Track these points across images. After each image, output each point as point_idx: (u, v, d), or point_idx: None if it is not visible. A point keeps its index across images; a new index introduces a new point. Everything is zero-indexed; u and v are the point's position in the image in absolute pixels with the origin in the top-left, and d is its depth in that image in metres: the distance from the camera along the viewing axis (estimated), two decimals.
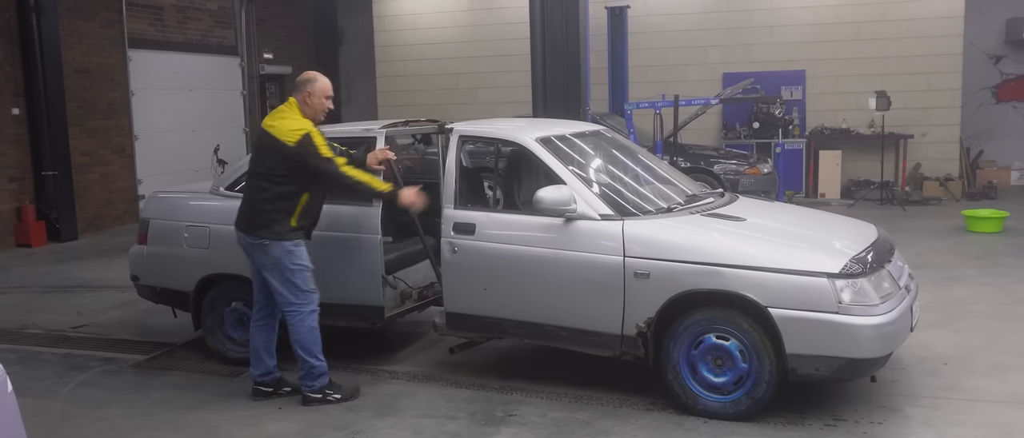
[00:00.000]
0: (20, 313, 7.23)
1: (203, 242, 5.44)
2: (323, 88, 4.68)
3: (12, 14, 10.39)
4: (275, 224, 4.54)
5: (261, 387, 4.89)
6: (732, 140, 13.18)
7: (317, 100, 4.65)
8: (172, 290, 5.71)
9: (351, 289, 5.05)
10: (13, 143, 10.51)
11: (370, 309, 5.08)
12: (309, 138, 4.48)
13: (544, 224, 4.62)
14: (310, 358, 4.67)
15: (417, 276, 5.58)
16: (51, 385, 5.29)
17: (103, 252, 10.10)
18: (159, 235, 5.71)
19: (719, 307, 4.29)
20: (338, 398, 4.72)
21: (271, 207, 4.55)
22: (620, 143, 5.78)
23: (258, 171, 4.64)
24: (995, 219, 9.57)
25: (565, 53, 8.46)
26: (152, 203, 5.91)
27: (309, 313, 4.65)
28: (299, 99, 4.65)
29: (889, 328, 4.11)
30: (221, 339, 5.52)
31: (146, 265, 5.80)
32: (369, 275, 5.02)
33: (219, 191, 5.58)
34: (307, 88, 4.65)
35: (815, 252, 4.28)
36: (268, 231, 4.54)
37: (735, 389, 4.30)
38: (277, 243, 4.55)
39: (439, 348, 5.75)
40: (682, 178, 5.55)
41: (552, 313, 4.67)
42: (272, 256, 4.57)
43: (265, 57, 15.16)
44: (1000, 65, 14.01)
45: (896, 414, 4.39)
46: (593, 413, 4.51)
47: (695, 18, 13.68)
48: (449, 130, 5.15)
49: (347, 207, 5.06)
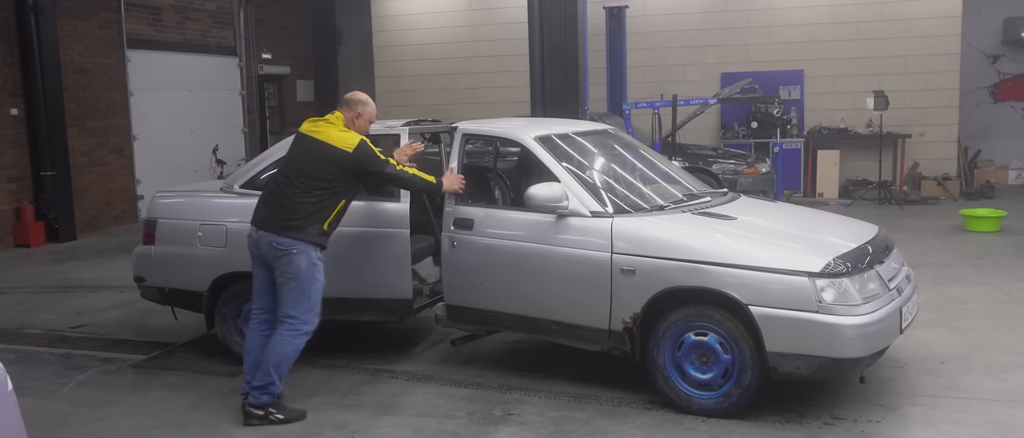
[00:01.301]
0: (19, 313, 7.22)
1: (219, 240, 5.39)
2: (372, 114, 4.81)
3: (10, 14, 10.39)
4: (309, 226, 4.49)
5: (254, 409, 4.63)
6: (730, 140, 13.19)
7: (364, 123, 4.75)
8: (183, 290, 5.61)
9: (381, 283, 5.08)
10: (12, 143, 10.50)
11: (398, 302, 5.12)
12: (366, 145, 4.58)
13: (538, 220, 4.70)
14: (275, 374, 4.49)
15: (423, 272, 5.66)
16: (50, 385, 5.29)
17: (102, 252, 10.10)
18: (169, 235, 5.61)
19: (693, 304, 4.33)
20: (281, 418, 4.50)
21: (308, 211, 4.49)
22: (627, 142, 5.83)
23: (300, 174, 4.53)
24: (993, 218, 9.59)
25: (563, 53, 8.47)
26: (159, 202, 5.78)
27: (304, 334, 4.52)
28: (347, 117, 4.69)
29: (872, 329, 4.10)
30: (236, 339, 5.46)
31: (154, 265, 5.69)
32: (399, 269, 5.06)
33: (234, 189, 5.56)
34: (358, 109, 4.72)
35: (798, 251, 4.30)
36: (301, 233, 4.47)
37: (724, 383, 4.33)
38: (306, 249, 4.47)
39: (437, 348, 5.76)
40: (687, 177, 5.58)
41: (544, 307, 4.74)
42: (297, 264, 4.46)
43: (263, 57, 15.15)
44: (998, 65, 14.03)
45: (894, 413, 4.40)
46: (592, 412, 4.52)
47: (693, 18, 13.70)
48: (453, 128, 5.26)
49: (377, 203, 5.10)
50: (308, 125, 4.72)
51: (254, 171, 5.56)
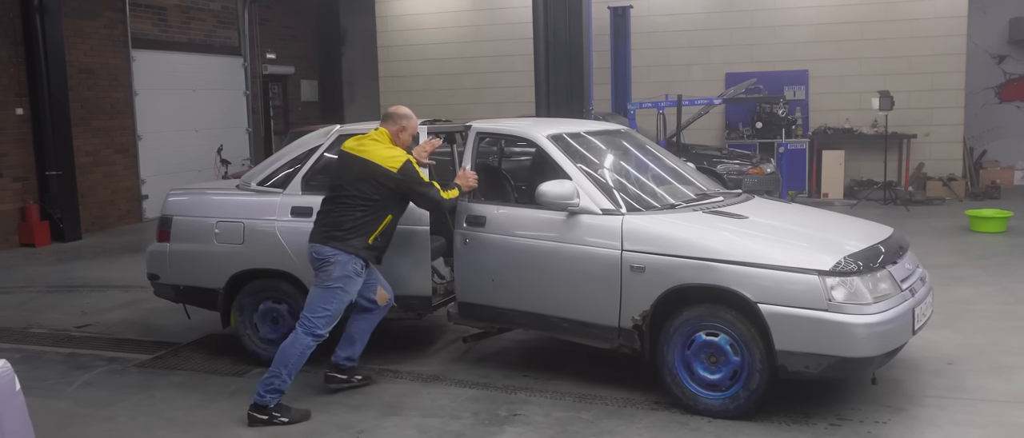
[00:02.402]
0: (24, 312, 7.24)
1: (236, 238, 5.40)
2: (415, 128, 4.88)
3: (16, 15, 10.41)
4: (353, 239, 4.57)
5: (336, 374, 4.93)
6: (735, 140, 13.18)
7: (407, 137, 4.80)
8: (199, 288, 5.61)
9: (402, 281, 5.10)
10: (17, 143, 10.53)
11: (418, 299, 5.15)
12: (410, 165, 4.64)
13: (549, 218, 4.71)
14: (283, 370, 4.53)
15: (440, 270, 5.73)
16: (56, 384, 5.30)
17: (106, 252, 10.12)
18: (185, 232, 5.61)
19: (705, 304, 4.32)
20: (285, 421, 4.52)
21: (352, 224, 4.58)
22: (641, 143, 5.84)
23: (347, 192, 4.62)
24: (998, 219, 9.57)
25: (568, 53, 8.47)
26: (174, 200, 5.78)
27: (312, 336, 4.54)
28: (392, 131, 4.74)
29: (882, 328, 4.08)
30: (252, 336, 5.45)
31: (169, 263, 5.69)
32: (419, 266, 5.10)
33: (251, 186, 5.57)
34: (402, 123, 4.76)
35: (809, 250, 4.28)
36: (343, 244, 4.56)
37: (731, 384, 4.32)
38: (350, 259, 4.55)
39: (443, 349, 5.76)
40: (699, 177, 5.59)
41: (555, 304, 4.76)
42: (333, 271, 4.53)
43: (268, 57, 15.17)
44: (1003, 65, 14.00)
45: (901, 414, 4.39)
46: (597, 412, 4.52)
47: (698, 18, 13.69)
48: (467, 128, 5.30)
49: None
50: (353, 143, 4.76)
51: (270, 169, 5.60)
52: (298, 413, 4.58)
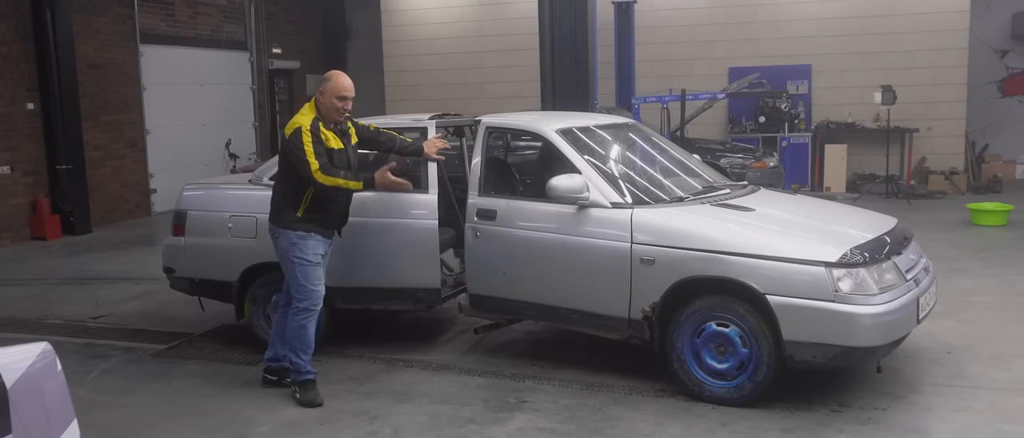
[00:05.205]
0: (40, 304, 7.36)
1: (249, 231, 5.51)
2: (334, 88, 4.61)
3: (27, 10, 10.51)
4: (282, 213, 4.69)
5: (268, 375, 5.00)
6: (738, 134, 13.25)
7: (327, 100, 4.63)
8: (213, 281, 5.73)
9: (410, 273, 5.19)
10: (28, 138, 10.64)
11: (427, 292, 5.23)
12: (298, 133, 4.51)
13: (559, 211, 4.79)
14: (292, 355, 4.70)
15: (449, 263, 5.78)
16: (74, 373, 5.39)
17: (117, 245, 10.24)
18: (199, 226, 5.74)
19: (718, 295, 4.41)
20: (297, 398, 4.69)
21: (280, 197, 4.74)
22: (647, 135, 5.92)
23: (280, 163, 4.83)
24: (1000, 212, 9.64)
25: (573, 48, 8.53)
26: (189, 195, 5.89)
27: (302, 311, 4.66)
28: (317, 97, 4.72)
29: (887, 318, 4.17)
30: (265, 328, 5.55)
31: (184, 256, 5.81)
32: (428, 258, 5.17)
33: (262, 181, 5.67)
34: (320, 87, 4.68)
35: (816, 241, 4.37)
36: (277, 219, 4.72)
37: (738, 374, 4.42)
38: (284, 232, 4.67)
39: (453, 339, 5.87)
40: (707, 170, 5.68)
41: (565, 296, 4.84)
42: (280, 245, 4.71)
43: (274, 52, 15.27)
44: (1006, 59, 14.05)
45: (900, 400, 4.49)
46: (604, 399, 4.63)
47: (701, 13, 13.75)
48: (477, 122, 5.38)
49: (405, 193, 5.11)
50: None
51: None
52: (309, 397, 4.68)
